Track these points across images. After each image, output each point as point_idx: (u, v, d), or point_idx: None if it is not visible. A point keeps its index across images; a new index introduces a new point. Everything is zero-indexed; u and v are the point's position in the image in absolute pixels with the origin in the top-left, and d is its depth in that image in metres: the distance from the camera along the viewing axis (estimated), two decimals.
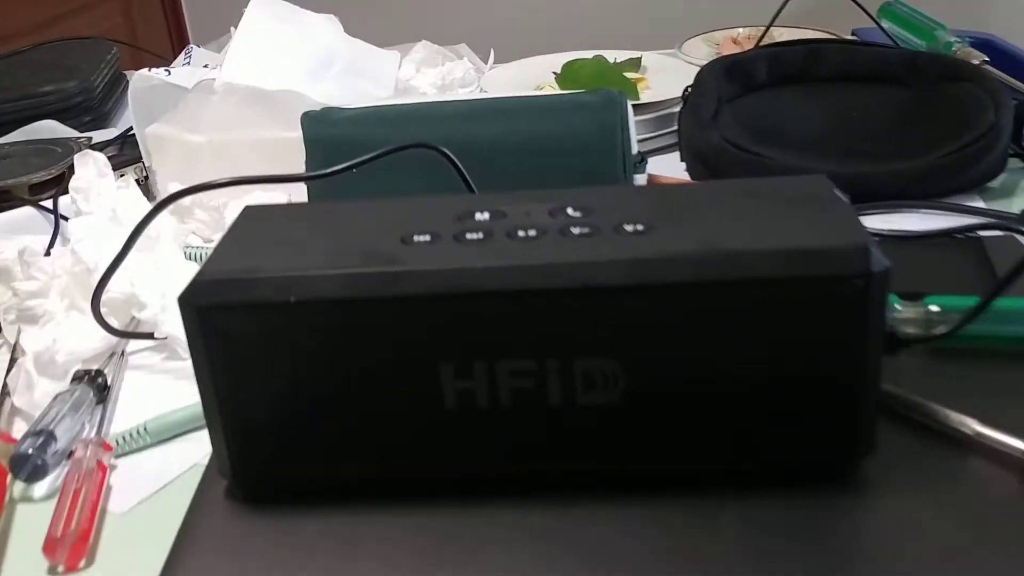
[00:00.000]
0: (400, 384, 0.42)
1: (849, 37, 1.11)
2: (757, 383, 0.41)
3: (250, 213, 0.49)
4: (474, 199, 0.50)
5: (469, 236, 0.44)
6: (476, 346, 0.41)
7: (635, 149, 0.76)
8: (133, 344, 0.68)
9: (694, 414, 0.42)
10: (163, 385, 0.63)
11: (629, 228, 0.43)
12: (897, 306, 0.55)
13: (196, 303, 0.41)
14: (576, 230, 0.44)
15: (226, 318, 0.41)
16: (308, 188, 0.79)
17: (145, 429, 0.55)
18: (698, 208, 0.45)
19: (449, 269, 0.41)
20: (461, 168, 0.60)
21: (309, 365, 0.42)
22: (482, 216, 0.46)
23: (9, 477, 0.51)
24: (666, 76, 1.00)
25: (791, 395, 0.41)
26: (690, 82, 0.88)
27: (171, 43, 2.37)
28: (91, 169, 0.79)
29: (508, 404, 0.42)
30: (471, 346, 0.41)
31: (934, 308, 0.55)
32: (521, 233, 0.44)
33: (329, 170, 0.61)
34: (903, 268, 0.62)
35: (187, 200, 0.81)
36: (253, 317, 0.41)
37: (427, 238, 0.44)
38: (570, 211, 0.46)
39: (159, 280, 0.71)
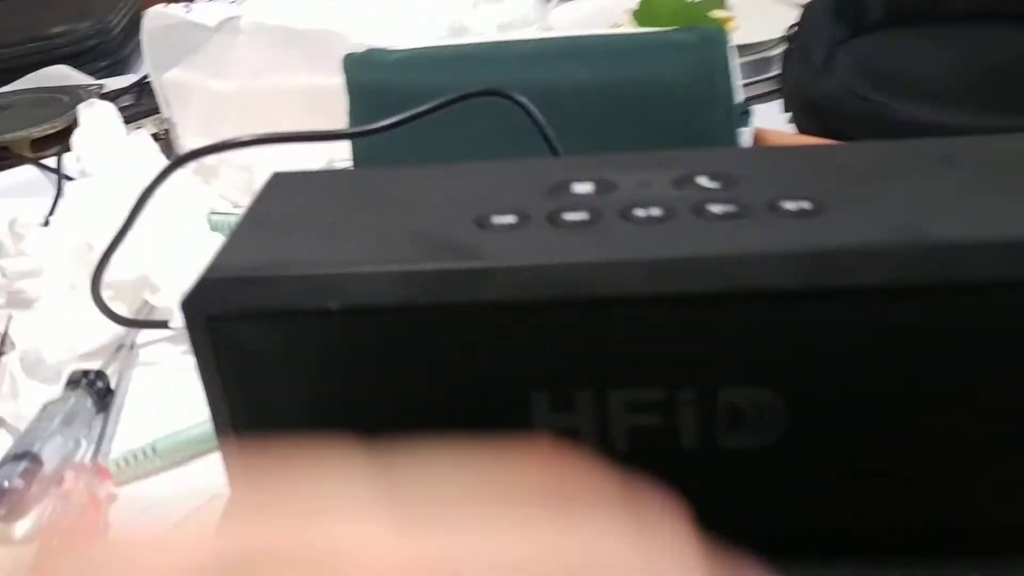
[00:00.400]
0: (476, 418, 0.31)
1: None
2: (979, 420, 0.30)
3: (278, 183, 0.37)
4: (569, 163, 0.38)
5: (568, 217, 0.32)
6: (581, 370, 0.30)
7: (740, 96, 0.64)
8: (144, 335, 0.57)
9: (883, 461, 0.31)
10: (180, 386, 0.51)
11: (790, 207, 0.31)
12: None
13: (204, 310, 0.30)
14: (716, 208, 0.32)
15: (243, 330, 0.30)
16: (352, 146, 0.67)
17: (154, 450, 0.44)
18: (878, 179, 0.33)
19: (544, 265, 0.29)
20: (542, 122, 0.48)
21: (353, 391, 0.31)
22: (584, 188, 0.34)
23: None
24: (754, 15, 0.88)
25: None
26: (782, 21, 0.77)
27: None
28: (98, 122, 0.69)
29: (624, 447, 0.31)
30: (574, 370, 0.30)
31: None
32: (639, 212, 0.32)
33: (378, 124, 0.49)
34: None
35: (212, 158, 0.71)
36: (279, 329, 0.30)
37: (511, 219, 0.32)
38: (703, 181, 0.34)
39: (177, 256, 0.61)
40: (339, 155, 0.70)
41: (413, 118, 0.48)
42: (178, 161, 0.47)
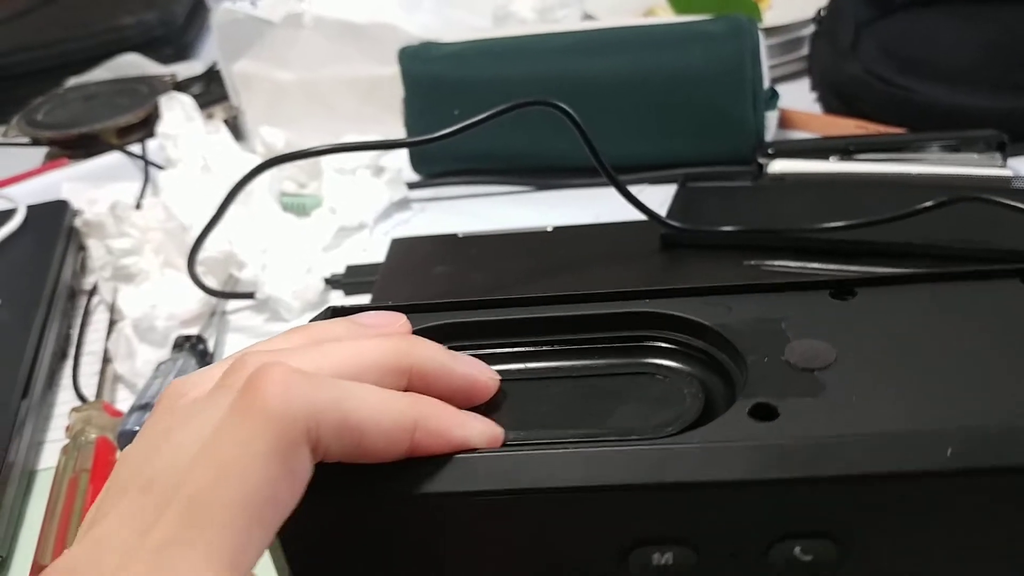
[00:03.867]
0: None
1: None
2: None
3: None
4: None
5: None
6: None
7: (767, 82, 0.68)
8: (232, 304, 0.64)
9: None
10: None
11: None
12: None
13: None
14: None
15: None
16: (407, 132, 0.73)
17: None
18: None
19: None
20: (584, 129, 0.54)
21: None
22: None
23: (118, 453, 0.48)
24: None
25: None
26: (817, 2, 0.80)
27: None
28: (178, 113, 0.75)
29: None
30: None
31: None
32: None
33: (434, 135, 0.55)
34: None
35: (280, 142, 0.77)
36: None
37: None
38: None
39: (257, 235, 0.67)
40: (398, 134, 0.75)
41: (467, 128, 0.54)
42: (259, 168, 0.54)
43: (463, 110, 0.57)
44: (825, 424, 0.28)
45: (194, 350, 0.57)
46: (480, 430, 0.29)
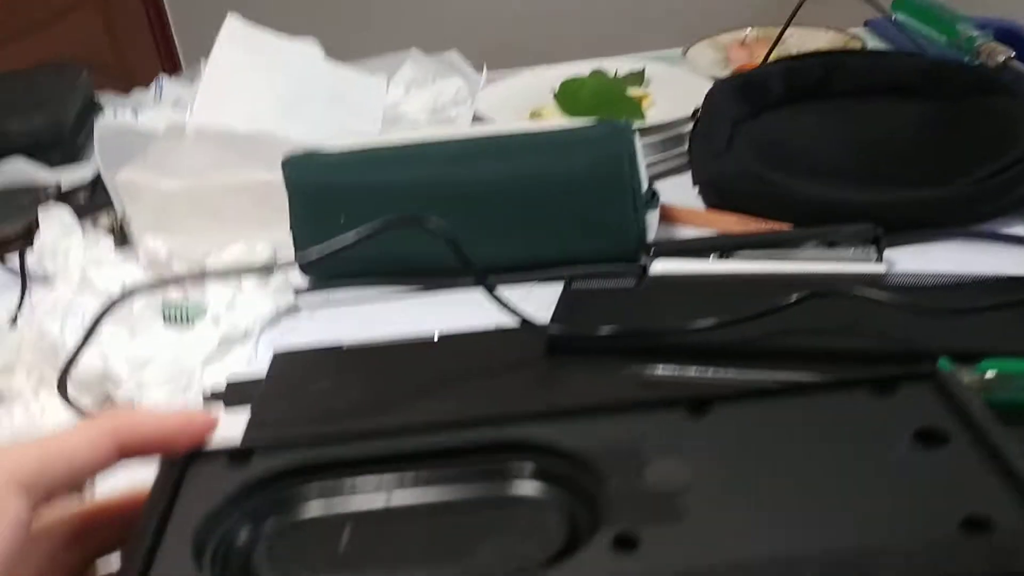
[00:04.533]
0: None
1: (867, 35, 1.05)
2: None
3: None
4: None
5: None
6: None
7: (645, 183, 0.70)
8: None
9: None
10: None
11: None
12: None
13: None
14: None
15: None
16: (293, 239, 0.73)
17: None
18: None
19: None
20: (458, 245, 0.54)
21: None
22: None
23: None
24: (672, 89, 0.94)
25: None
26: (697, 96, 0.82)
27: (156, 48, 2.28)
28: (57, 226, 0.73)
29: None
30: None
31: (990, 375, 0.49)
32: None
33: (318, 254, 0.55)
34: (955, 323, 0.56)
35: (162, 252, 0.75)
36: None
37: None
38: None
39: (135, 349, 0.66)
40: (285, 248, 0.75)
41: (343, 249, 0.54)
42: (131, 292, 0.53)
43: (349, 216, 0.57)
44: (686, 554, 0.28)
45: None
46: (176, 421, 0.35)
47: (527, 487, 0.34)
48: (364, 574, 0.31)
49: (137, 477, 0.35)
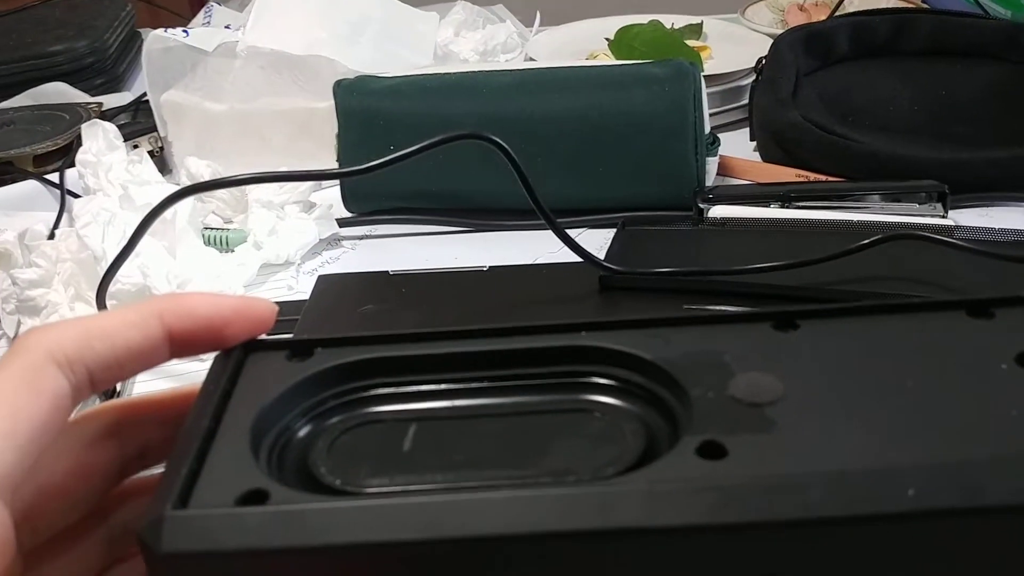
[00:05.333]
0: None
1: (935, 6, 1.02)
2: None
3: None
4: None
5: None
6: None
7: (708, 128, 0.68)
8: None
9: None
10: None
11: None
12: None
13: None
14: None
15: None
16: (340, 164, 0.71)
17: None
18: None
19: None
20: (519, 164, 0.52)
21: None
22: None
23: None
24: (730, 45, 0.91)
25: None
26: (756, 51, 0.80)
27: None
28: (100, 141, 0.72)
29: None
30: None
31: None
32: None
33: (363, 166, 0.52)
34: (1010, 281, 0.54)
35: (206, 174, 0.74)
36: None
37: None
38: None
39: (174, 268, 0.64)
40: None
41: (398, 159, 0.51)
42: (178, 195, 0.51)
43: (399, 146, 0.54)
44: (778, 463, 0.26)
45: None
46: (232, 303, 0.31)
47: (603, 397, 0.32)
48: (429, 475, 0.29)
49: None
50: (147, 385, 0.57)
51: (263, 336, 0.34)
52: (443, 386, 0.32)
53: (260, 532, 0.25)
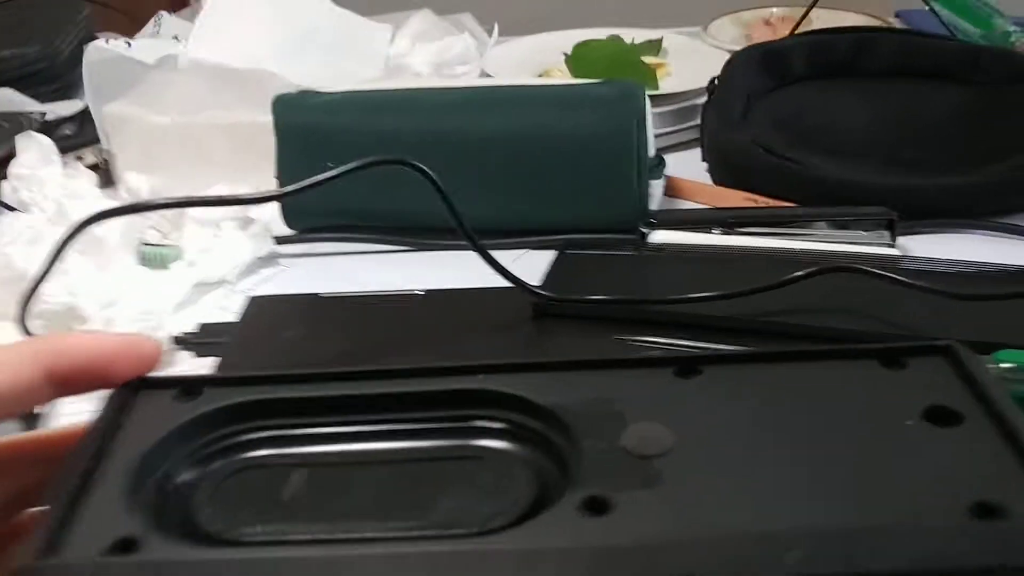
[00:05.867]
0: None
1: (899, 25, 1.01)
2: None
3: None
4: None
5: None
6: None
7: (652, 150, 0.66)
8: None
9: None
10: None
11: None
12: None
13: None
14: None
15: None
16: (279, 183, 0.69)
17: None
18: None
19: None
20: (445, 192, 0.51)
21: None
22: None
23: None
24: (689, 61, 0.90)
25: None
26: (716, 68, 0.79)
27: None
28: (34, 154, 0.70)
29: None
30: None
31: (1006, 365, 0.46)
32: None
33: (295, 187, 0.51)
34: (970, 312, 0.53)
35: (144, 189, 0.72)
36: None
37: None
38: None
39: (104, 287, 0.63)
40: (269, 186, 0.71)
41: (328, 180, 0.50)
42: (90, 220, 0.49)
43: (336, 163, 0.53)
44: (660, 521, 0.25)
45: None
46: (115, 341, 0.30)
47: (495, 443, 0.31)
48: (313, 524, 0.28)
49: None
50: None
51: (153, 374, 0.33)
52: (332, 429, 0.31)
53: None
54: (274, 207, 0.71)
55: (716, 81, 0.75)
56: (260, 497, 0.29)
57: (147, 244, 0.69)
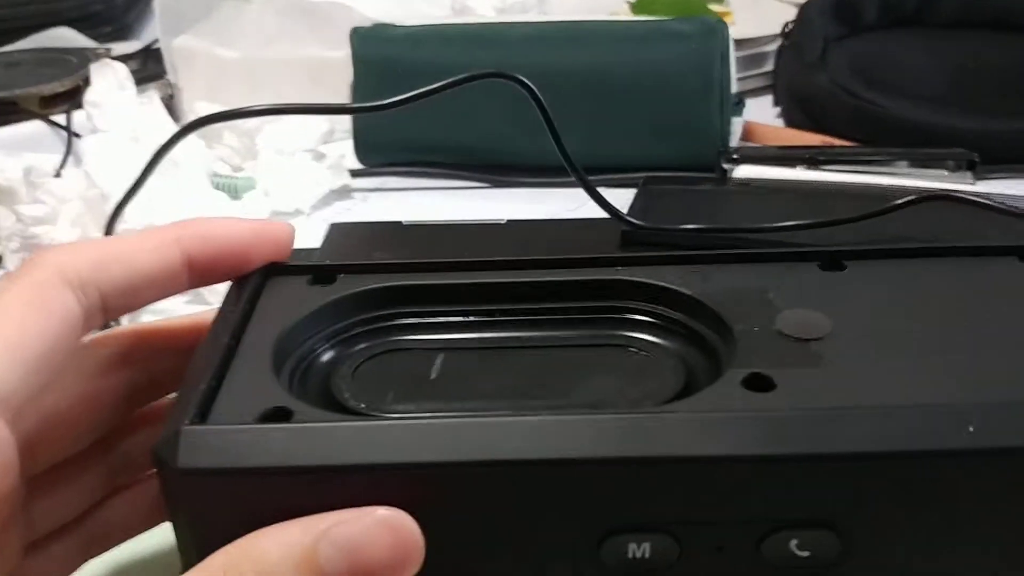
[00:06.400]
0: None
1: None
2: None
3: None
4: None
5: None
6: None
7: (734, 88, 0.66)
8: None
9: None
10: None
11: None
12: None
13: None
14: None
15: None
16: (354, 119, 0.69)
17: None
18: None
19: None
20: (545, 106, 0.50)
21: None
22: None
23: None
24: (753, 11, 0.89)
25: None
26: (779, 19, 0.79)
27: None
28: (110, 81, 0.70)
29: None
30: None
31: None
32: None
33: (383, 102, 0.50)
34: None
35: (217, 123, 0.72)
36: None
37: None
38: None
39: (181, 210, 0.62)
40: (340, 125, 0.71)
41: (418, 96, 0.49)
42: (191, 126, 0.49)
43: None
44: (828, 397, 0.25)
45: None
46: (252, 226, 0.30)
47: (638, 332, 0.30)
48: (457, 403, 0.27)
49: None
50: None
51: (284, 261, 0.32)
52: (471, 318, 0.31)
53: (284, 449, 0.24)
54: (347, 144, 0.71)
55: (791, 25, 0.75)
56: (404, 378, 0.29)
57: (217, 175, 0.69)
